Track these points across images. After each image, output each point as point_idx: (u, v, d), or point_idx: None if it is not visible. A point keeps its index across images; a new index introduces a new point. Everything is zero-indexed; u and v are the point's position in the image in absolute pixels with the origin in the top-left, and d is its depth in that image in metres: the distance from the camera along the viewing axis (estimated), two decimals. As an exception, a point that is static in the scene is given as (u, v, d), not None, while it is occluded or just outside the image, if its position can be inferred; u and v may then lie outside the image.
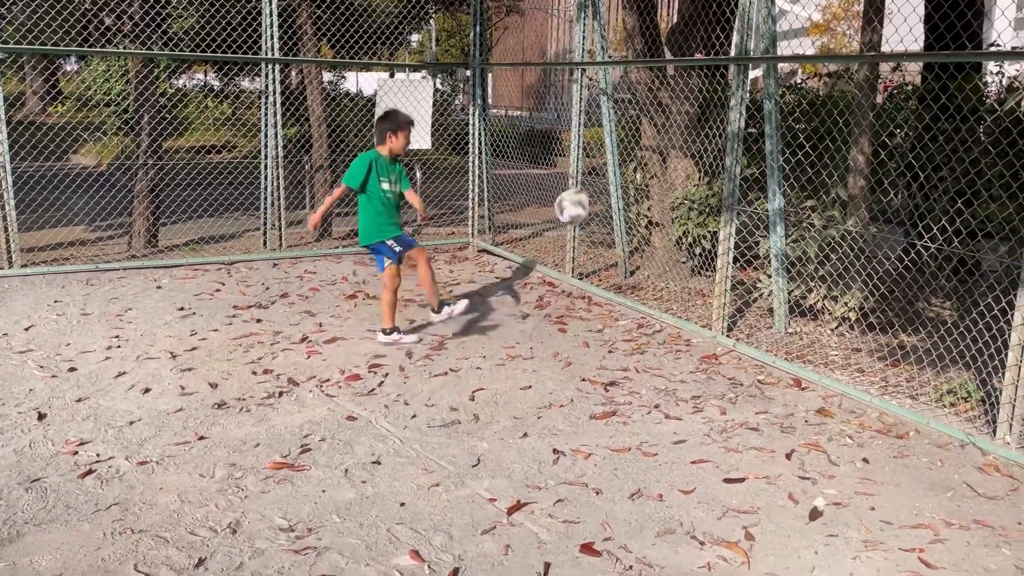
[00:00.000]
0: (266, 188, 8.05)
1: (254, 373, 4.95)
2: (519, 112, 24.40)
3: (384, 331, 5.57)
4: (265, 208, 8.12)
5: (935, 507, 3.56)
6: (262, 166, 8.01)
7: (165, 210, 9.35)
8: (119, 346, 5.35)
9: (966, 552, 3.22)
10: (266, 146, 7.96)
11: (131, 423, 4.20)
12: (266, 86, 7.86)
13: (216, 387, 4.72)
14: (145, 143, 7.99)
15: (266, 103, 7.89)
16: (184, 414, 4.34)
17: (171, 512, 3.36)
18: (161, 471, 3.72)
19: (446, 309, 5.61)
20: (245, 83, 15.94)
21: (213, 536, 3.20)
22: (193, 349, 5.34)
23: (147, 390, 4.64)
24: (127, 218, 8.56)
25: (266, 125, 7.93)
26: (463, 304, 5.66)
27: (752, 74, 5.61)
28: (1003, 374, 4.07)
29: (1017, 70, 7.46)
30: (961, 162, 5.06)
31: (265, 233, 8.16)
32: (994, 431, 4.12)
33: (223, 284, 7.04)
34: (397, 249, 5.49)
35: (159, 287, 6.88)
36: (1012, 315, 3.99)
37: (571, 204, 5.98)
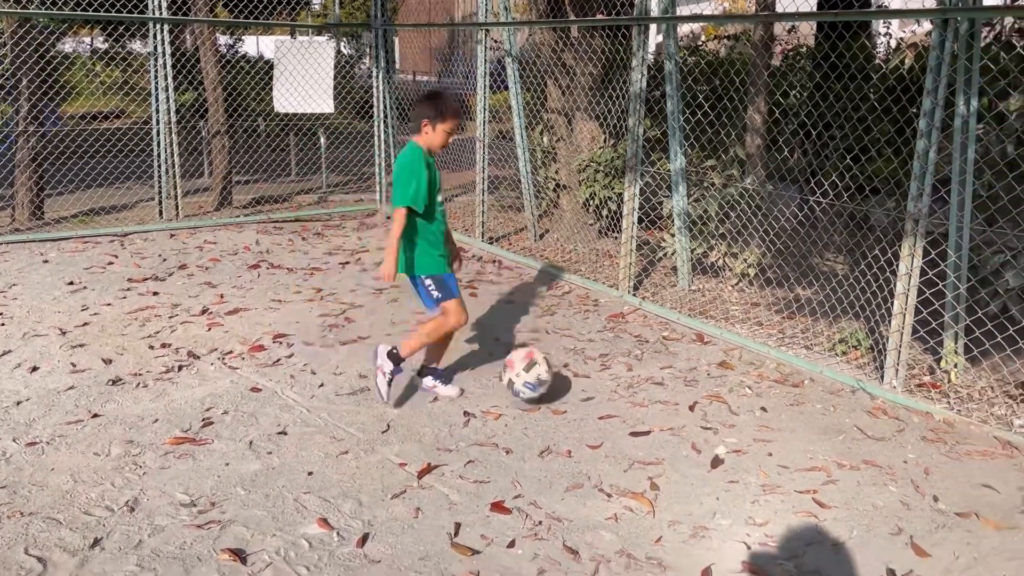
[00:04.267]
0: (159, 156, 7.70)
1: (151, 347, 4.76)
2: (427, 77, 24.00)
3: (391, 352, 4.05)
4: (159, 177, 7.76)
5: (828, 450, 3.73)
6: (154, 132, 7.65)
7: (50, 180, 8.84)
8: (3, 324, 5.05)
9: (856, 491, 3.39)
10: (157, 111, 7.60)
11: (18, 403, 3.99)
12: (154, 47, 7.47)
13: (110, 363, 4.51)
14: (24, 109, 7.50)
15: (155, 66, 7.51)
16: (76, 392, 4.14)
17: (63, 493, 3.22)
18: (52, 451, 3.54)
19: (389, 364, 4.01)
20: (136, 46, 15.12)
21: (109, 515, 3.07)
22: (84, 325, 5.09)
23: (35, 368, 4.40)
24: (8, 189, 8.05)
25: (156, 89, 7.56)
26: (386, 391, 4.04)
27: (658, 38, 5.65)
28: (889, 322, 4.28)
29: (904, 32, 7.78)
30: (850, 120, 5.25)
31: (160, 203, 7.82)
32: (882, 376, 4.34)
33: (116, 257, 6.72)
34: (436, 296, 4.04)
35: (46, 261, 6.52)
36: (897, 266, 4.19)
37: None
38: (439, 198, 4.02)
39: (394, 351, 3.99)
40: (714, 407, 4.16)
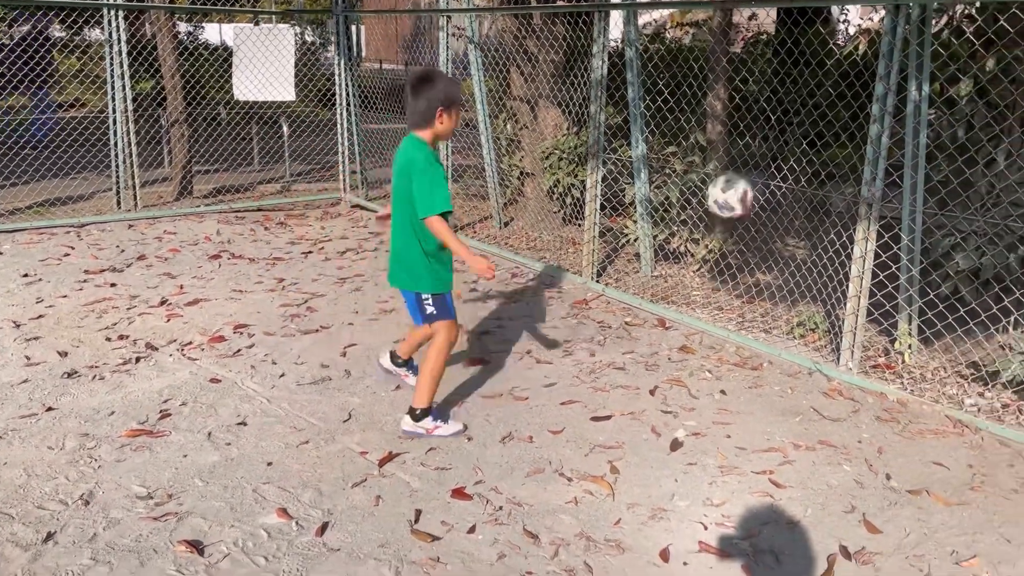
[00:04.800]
0: (116, 145, 7.56)
1: (108, 339, 4.69)
2: (393, 65, 23.78)
3: (414, 413, 3.70)
4: (117, 167, 7.63)
5: (785, 431, 3.79)
6: (110, 121, 7.50)
7: (3, 171, 8.65)
8: (-46, 318, 4.95)
9: (812, 471, 3.46)
10: (113, 99, 7.45)
11: (-31, 398, 3.91)
12: (110, 34, 7.32)
13: (66, 356, 4.44)
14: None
15: (111, 53, 7.36)
16: (30, 385, 4.06)
17: (16, 487, 3.16)
18: (4, 446, 3.48)
19: (427, 420, 3.69)
20: (95, 33, 14.78)
21: (64, 509, 3.03)
22: (39, 317, 5.00)
23: (-13, 363, 4.32)
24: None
25: (112, 77, 7.41)
26: (453, 427, 3.74)
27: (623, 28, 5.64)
28: (845, 305, 4.35)
29: (862, 20, 7.88)
30: (806, 107, 5.31)
31: (118, 193, 7.68)
32: (838, 358, 4.42)
33: (73, 248, 6.60)
34: (429, 312, 3.65)
35: (0, 253, 6.38)
36: (852, 250, 4.26)
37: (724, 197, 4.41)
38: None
39: (416, 411, 3.66)
40: (674, 391, 4.20)
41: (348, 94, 8.53)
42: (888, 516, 3.13)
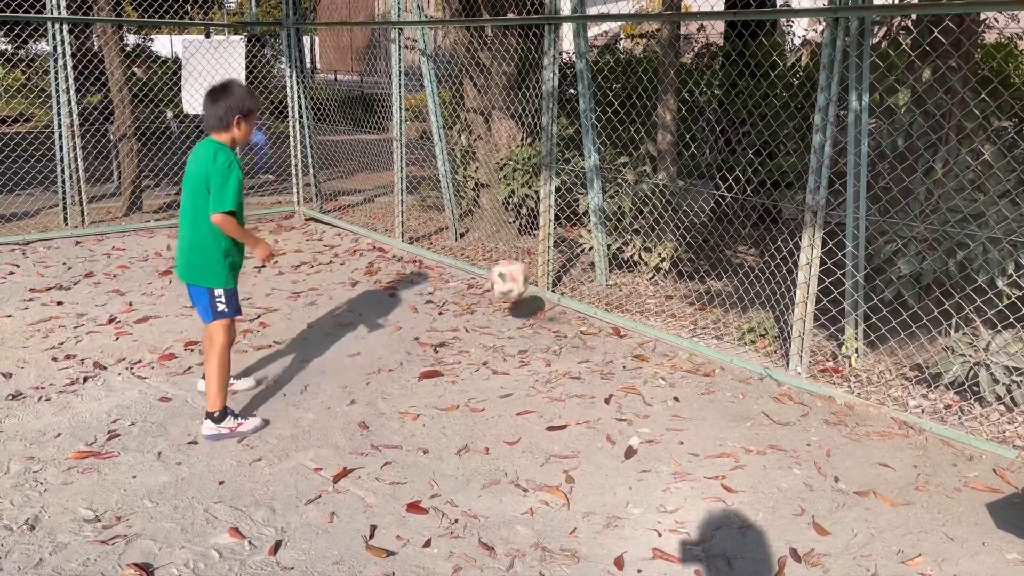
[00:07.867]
0: (62, 160, 7.41)
1: (55, 359, 4.59)
2: (349, 76, 23.70)
3: (212, 416, 3.74)
4: (63, 182, 7.47)
5: (737, 436, 3.85)
6: (56, 136, 7.35)
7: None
8: None
9: (762, 475, 3.52)
10: (58, 114, 7.30)
11: (-93, 423, 3.79)
12: (54, 48, 7.18)
13: (10, 377, 4.33)
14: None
15: (55, 67, 7.22)
16: (-28, 409, 3.96)
17: (-43, 515, 3.08)
18: (-56, 472, 3.38)
19: (228, 420, 3.77)
20: (43, 46, 14.46)
21: (8, 535, 2.96)
22: (-18, 338, 4.87)
23: (-74, 386, 4.20)
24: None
25: (57, 91, 7.26)
26: (254, 423, 3.84)
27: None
28: (793, 310, 4.44)
29: (805, 30, 8.07)
30: (752, 116, 5.42)
31: (65, 209, 7.52)
32: (787, 363, 4.50)
33: (17, 266, 6.44)
34: (220, 309, 3.74)
35: (-60, 273, 6.21)
36: (798, 256, 4.35)
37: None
38: (242, 198, 3.71)
39: (214, 414, 3.71)
40: (629, 399, 4.25)
41: (301, 106, 8.47)
42: (836, 518, 3.19)
